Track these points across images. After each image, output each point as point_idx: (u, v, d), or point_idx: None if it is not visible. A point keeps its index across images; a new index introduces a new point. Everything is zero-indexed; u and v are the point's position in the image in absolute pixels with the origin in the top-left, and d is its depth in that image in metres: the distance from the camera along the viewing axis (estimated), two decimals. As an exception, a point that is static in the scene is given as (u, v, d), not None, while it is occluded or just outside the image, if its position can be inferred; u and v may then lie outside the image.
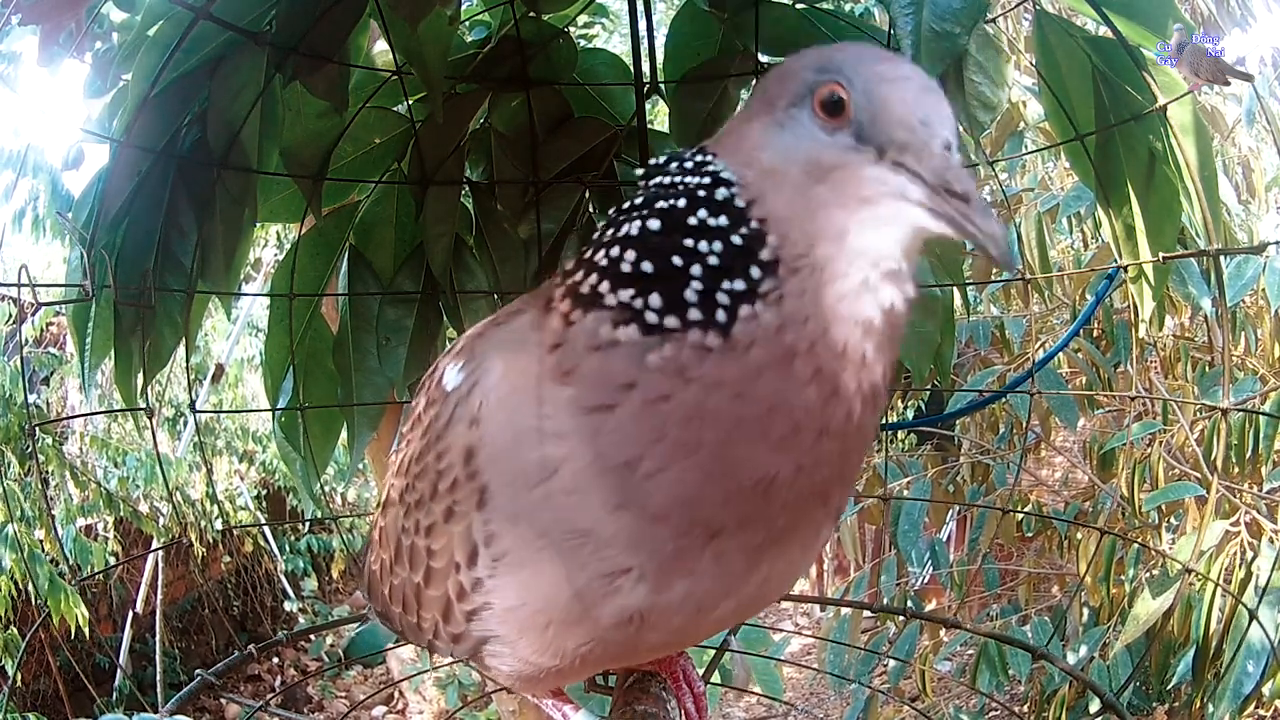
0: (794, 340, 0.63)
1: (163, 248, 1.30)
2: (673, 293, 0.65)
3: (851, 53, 0.65)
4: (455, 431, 0.73)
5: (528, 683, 0.83)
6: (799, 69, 0.66)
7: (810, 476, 0.67)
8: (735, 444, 0.65)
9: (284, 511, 6.20)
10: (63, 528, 3.97)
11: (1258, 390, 2.55)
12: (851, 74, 0.63)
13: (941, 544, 3.15)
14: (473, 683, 4.45)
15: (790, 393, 0.64)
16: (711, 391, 0.64)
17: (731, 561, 0.70)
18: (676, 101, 1.45)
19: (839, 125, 0.63)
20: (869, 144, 0.62)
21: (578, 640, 0.73)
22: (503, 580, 0.72)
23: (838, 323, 0.63)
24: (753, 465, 0.65)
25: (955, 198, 0.59)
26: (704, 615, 0.74)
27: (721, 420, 0.64)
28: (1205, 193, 1.09)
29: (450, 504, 0.73)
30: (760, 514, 0.68)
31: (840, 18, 1.38)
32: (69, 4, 1.05)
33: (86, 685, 4.10)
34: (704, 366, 0.63)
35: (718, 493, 0.66)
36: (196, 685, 1.31)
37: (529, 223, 1.51)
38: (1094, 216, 2.82)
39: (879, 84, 0.62)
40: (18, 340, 4.32)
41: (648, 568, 0.68)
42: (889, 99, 0.62)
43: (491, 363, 0.73)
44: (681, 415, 0.64)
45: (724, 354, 0.63)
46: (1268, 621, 1.83)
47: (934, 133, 0.61)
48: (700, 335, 0.63)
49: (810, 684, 4.96)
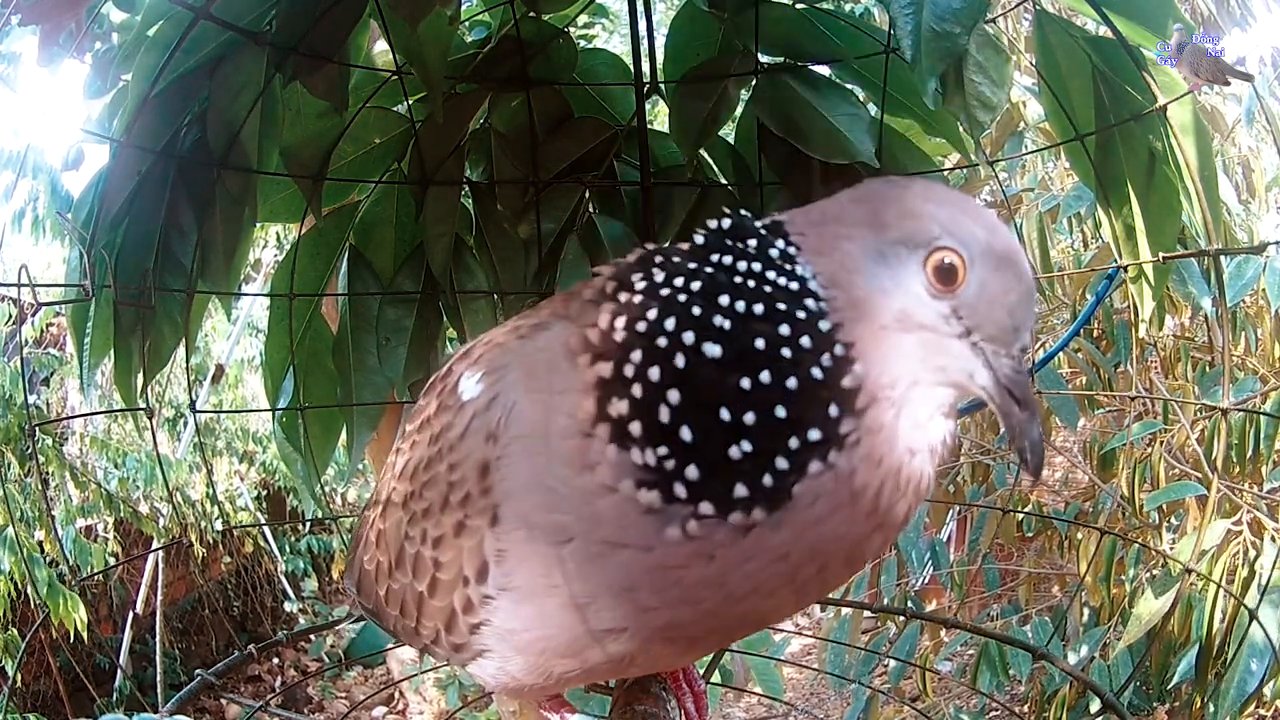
0: (865, 481, 0.62)
1: (163, 248, 1.30)
2: (715, 467, 0.60)
3: (979, 229, 0.64)
4: (471, 444, 0.70)
5: (510, 693, 0.85)
6: (927, 216, 0.64)
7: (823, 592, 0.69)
8: (751, 598, 0.65)
9: (284, 512, 6.20)
10: (63, 528, 3.97)
11: (1258, 390, 2.55)
12: (975, 254, 0.63)
13: (941, 544, 3.15)
14: (473, 683, 4.45)
15: (841, 535, 0.63)
16: (741, 565, 0.62)
17: (726, 634, 0.75)
18: (676, 101, 1.45)
19: (944, 293, 0.63)
20: (962, 321, 0.63)
21: (566, 668, 0.74)
22: (508, 606, 0.72)
23: (912, 456, 0.64)
24: (765, 606, 0.67)
25: (1016, 402, 0.64)
26: (693, 652, 0.79)
27: (744, 584, 0.64)
28: (1205, 193, 1.09)
29: (462, 518, 0.71)
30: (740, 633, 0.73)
31: (840, 18, 1.38)
32: (69, 4, 1.05)
33: (86, 686, 4.10)
34: (737, 545, 0.62)
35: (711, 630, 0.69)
36: (196, 685, 1.31)
37: (529, 223, 1.51)
38: (1094, 216, 2.81)
39: (996, 276, 0.63)
40: (18, 340, 4.32)
41: (638, 636, 0.69)
42: (999, 297, 0.63)
43: (514, 379, 0.70)
44: (695, 582, 0.64)
45: (769, 528, 0.61)
46: (1269, 621, 1.83)
47: (1020, 338, 0.64)
48: (742, 517, 0.61)
49: (810, 684, 4.95)
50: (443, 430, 0.75)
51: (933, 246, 0.63)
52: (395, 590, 0.84)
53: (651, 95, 1.51)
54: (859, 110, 1.37)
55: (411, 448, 0.80)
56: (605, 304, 0.66)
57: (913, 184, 0.68)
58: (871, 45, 1.34)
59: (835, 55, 1.36)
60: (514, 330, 0.77)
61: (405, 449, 0.83)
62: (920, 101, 1.26)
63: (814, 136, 1.35)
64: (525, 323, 0.77)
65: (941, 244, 0.63)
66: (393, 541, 0.82)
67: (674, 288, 0.64)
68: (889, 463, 0.62)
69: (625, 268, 0.68)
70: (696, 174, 1.53)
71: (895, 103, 1.37)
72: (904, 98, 1.36)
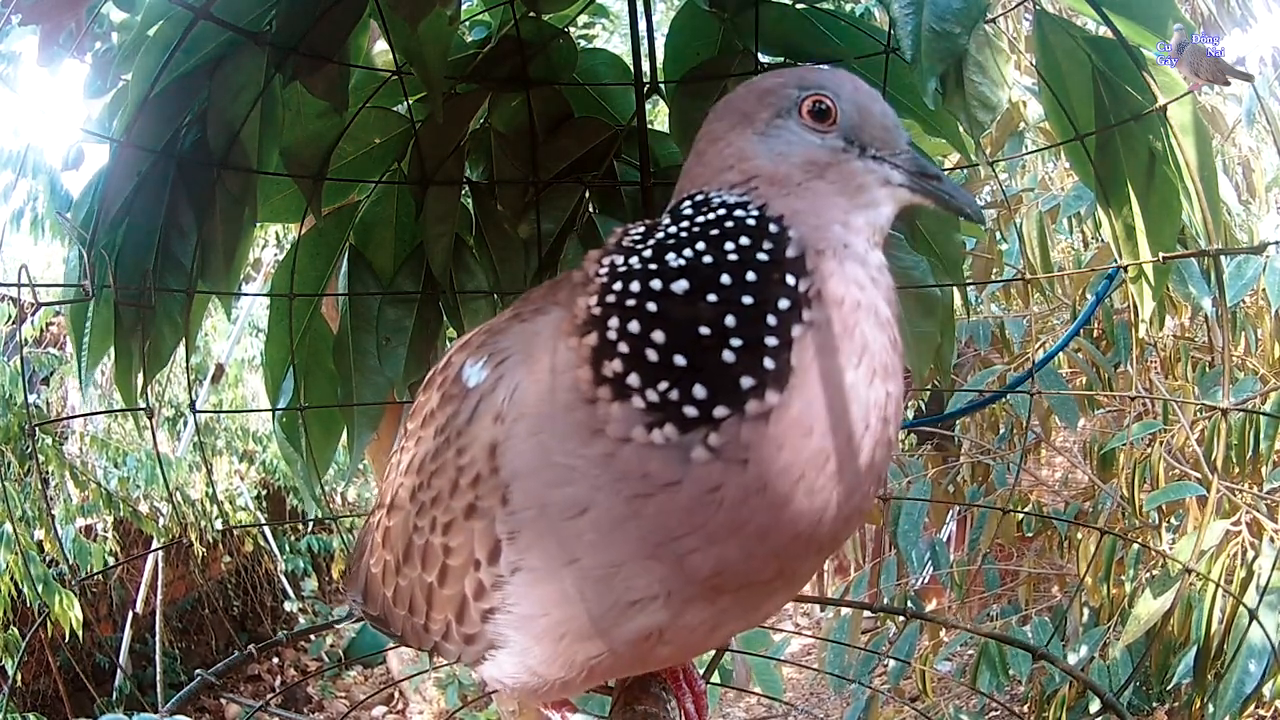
0: (842, 323, 0.66)
1: (163, 248, 1.30)
2: (716, 375, 0.64)
3: (824, 73, 0.76)
4: (479, 426, 0.72)
5: (530, 694, 0.83)
6: (778, 86, 0.75)
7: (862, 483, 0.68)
8: (795, 498, 0.65)
9: (284, 511, 6.20)
10: (62, 528, 3.97)
11: (1258, 390, 2.55)
12: (835, 88, 0.74)
13: (941, 544, 3.15)
14: (473, 683, 4.45)
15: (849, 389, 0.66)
16: (775, 456, 0.63)
17: (752, 595, 0.74)
18: (676, 101, 1.45)
19: (827, 129, 0.73)
20: (854, 143, 0.73)
21: (590, 652, 0.73)
22: (522, 588, 0.72)
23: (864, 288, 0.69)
24: (794, 525, 0.66)
25: (930, 178, 0.74)
26: (718, 633, 0.77)
27: (784, 482, 0.64)
28: (1205, 193, 1.09)
29: (473, 499, 0.72)
30: (791, 564, 0.71)
31: (840, 18, 1.38)
32: (69, 4, 1.05)
33: (86, 685, 4.10)
34: (766, 436, 0.63)
35: (758, 559, 0.68)
36: (196, 685, 1.31)
37: (529, 223, 1.51)
38: (1094, 216, 2.82)
39: (859, 95, 0.75)
40: (18, 340, 4.32)
41: (675, 598, 0.69)
42: (869, 108, 0.75)
43: (516, 360, 0.73)
44: (736, 497, 0.64)
45: (786, 407, 0.64)
46: (1268, 621, 1.83)
47: (901, 134, 0.75)
48: (758, 404, 0.63)
49: (810, 684, 4.96)
50: (449, 420, 0.76)
51: (799, 99, 0.73)
52: (403, 587, 0.84)
53: (651, 95, 1.51)
54: (859, 110, 1.37)
55: (416, 443, 0.81)
56: (587, 286, 0.71)
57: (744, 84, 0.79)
58: (871, 45, 1.34)
59: (835, 55, 1.36)
60: (514, 316, 0.80)
61: (410, 445, 0.83)
62: (920, 101, 1.26)
63: (814, 136, 1.35)
64: (524, 309, 0.80)
65: (806, 94, 0.73)
66: (400, 537, 0.83)
67: (635, 253, 0.70)
68: (850, 298, 0.68)
69: (600, 252, 0.74)
70: (696, 174, 1.52)
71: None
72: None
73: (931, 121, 1.39)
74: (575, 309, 0.70)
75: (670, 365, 0.64)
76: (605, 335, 0.66)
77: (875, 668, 3.59)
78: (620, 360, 0.65)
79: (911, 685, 3.57)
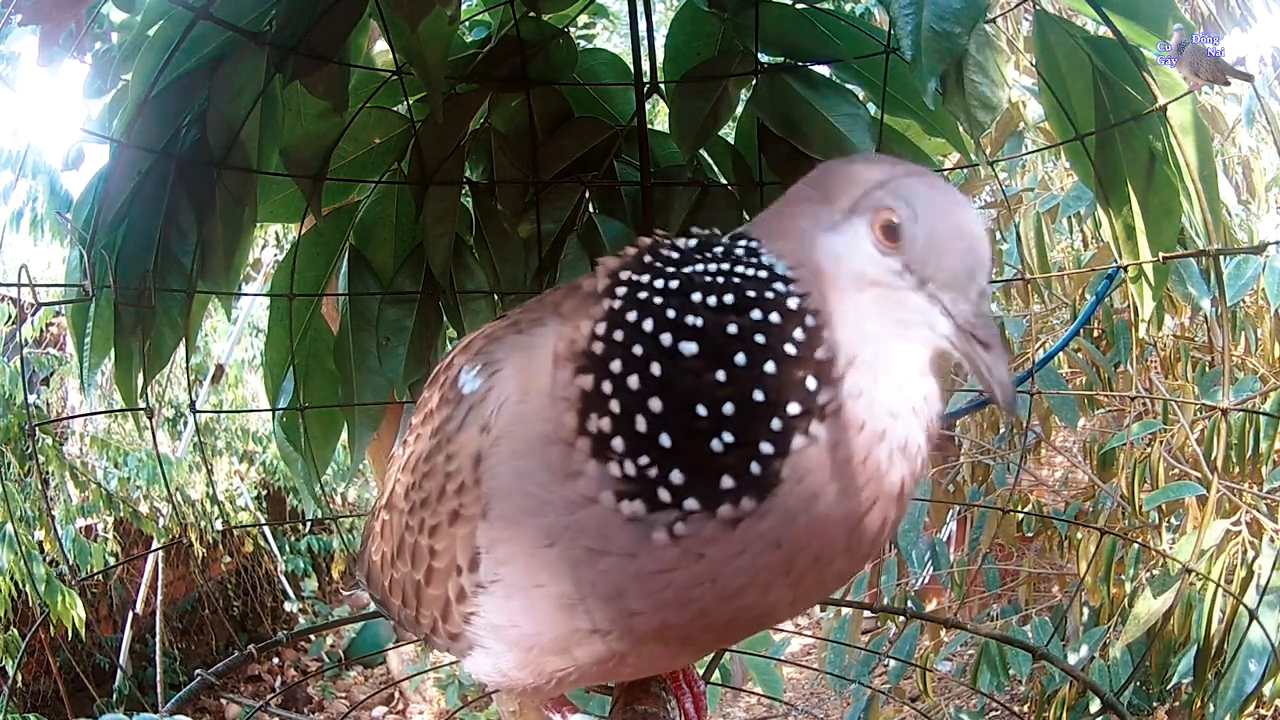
0: (850, 449, 0.62)
1: (163, 248, 1.30)
2: (699, 465, 0.61)
3: (919, 185, 0.66)
4: (467, 435, 0.72)
5: (510, 690, 0.85)
6: (868, 181, 0.67)
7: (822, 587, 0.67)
8: (746, 593, 0.64)
9: (284, 511, 6.20)
10: (62, 528, 3.97)
11: (1258, 390, 2.54)
12: (915, 207, 0.65)
13: (941, 544, 3.15)
14: (472, 683, 4.45)
15: (835, 512, 0.62)
16: (733, 559, 0.62)
17: (722, 635, 0.74)
18: (676, 101, 1.45)
19: (893, 250, 0.65)
20: (914, 274, 0.64)
21: (558, 665, 0.74)
22: (498, 599, 0.72)
23: (894, 419, 0.64)
24: (761, 603, 0.65)
25: (978, 343, 0.63)
26: (689, 653, 0.78)
27: (737, 579, 0.63)
28: (1205, 193, 1.09)
29: (456, 506, 0.73)
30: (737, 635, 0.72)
31: (840, 18, 1.38)
32: (69, 4, 1.05)
33: (86, 685, 4.10)
34: (727, 539, 0.61)
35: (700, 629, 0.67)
36: (196, 685, 1.31)
37: (529, 223, 1.51)
38: (1094, 216, 2.81)
39: (939, 224, 0.65)
40: (18, 340, 4.32)
41: (632, 636, 0.69)
42: (947, 246, 0.65)
43: (508, 374, 0.72)
44: (686, 583, 0.63)
45: (759, 516, 0.61)
46: (1268, 621, 1.83)
47: (974, 281, 0.64)
48: (731, 509, 0.61)
49: (810, 684, 4.95)
50: (443, 423, 0.76)
51: (875, 208, 0.65)
52: (397, 580, 0.85)
53: (651, 95, 1.51)
54: (859, 110, 1.37)
55: (416, 440, 0.82)
56: (594, 307, 0.68)
57: (857, 158, 0.71)
58: (871, 45, 1.34)
59: (835, 55, 1.36)
60: (512, 325, 0.78)
61: (410, 442, 0.84)
62: (920, 101, 1.26)
63: (814, 136, 1.35)
64: (524, 317, 0.79)
65: (883, 204, 0.65)
66: (394, 532, 0.84)
67: (652, 290, 0.66)
68: (872, 427, 0.63)
69: (619, 265, 0.70)
70: (696, 174, 1.53)
71: (895, 103, 1.37)
72: (904, 98, 1.36)
73: (931, 121, 1.39)
74: (578, 329, 0.67)
75: (655, 442, 0.61)
76: (600, 384, 0.63)
77: (875, 668, 3.59)
78: (609, 420, 0.63)
79: (911, 685, 3.56)
